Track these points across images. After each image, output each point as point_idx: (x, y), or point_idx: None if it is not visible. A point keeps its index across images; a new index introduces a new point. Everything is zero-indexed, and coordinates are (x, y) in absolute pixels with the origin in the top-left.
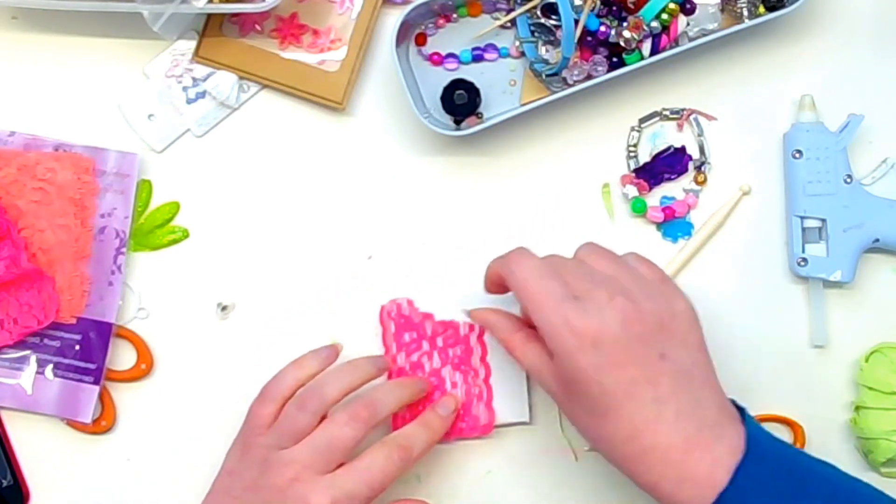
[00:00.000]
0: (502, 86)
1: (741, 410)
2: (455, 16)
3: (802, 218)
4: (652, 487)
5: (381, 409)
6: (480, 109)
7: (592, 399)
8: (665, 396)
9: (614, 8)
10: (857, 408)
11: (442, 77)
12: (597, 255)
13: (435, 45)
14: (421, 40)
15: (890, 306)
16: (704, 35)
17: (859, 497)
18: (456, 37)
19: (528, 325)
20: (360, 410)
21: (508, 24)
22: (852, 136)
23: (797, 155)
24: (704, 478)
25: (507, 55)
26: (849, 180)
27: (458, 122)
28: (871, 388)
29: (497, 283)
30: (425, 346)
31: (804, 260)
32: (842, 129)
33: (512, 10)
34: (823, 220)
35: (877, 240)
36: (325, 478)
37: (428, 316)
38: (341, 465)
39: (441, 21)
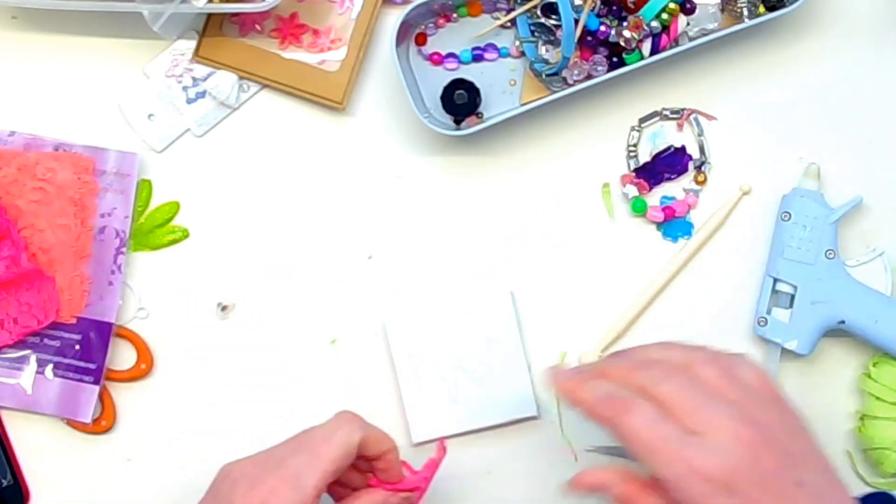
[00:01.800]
0: (502, 86)
1: None
2: (455, 16)
3: (776, 280)
4: None
5: None
6: (480, 109)
7: None
8: None
9: (614, 8)
10: (863, 417)
11: (442, 77)
12: (702, 365)
13: (435, 45)
14: (421, 40)
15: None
16: (704, 35)
17: None
18: (456, 37)
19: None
20: None
21: (508, 24)
22: (843, 213)
23: (786, 217)
24: None
25: (507, 55)
26: (831, 255)
27: (458, 122)
28: (877, 398)
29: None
30: None
31: (764, 320)
32: (841, 206)
33: (512, 10)
34: (795, 287)
35: (842, 321)
36: None
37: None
38: None
39: (441, 21)
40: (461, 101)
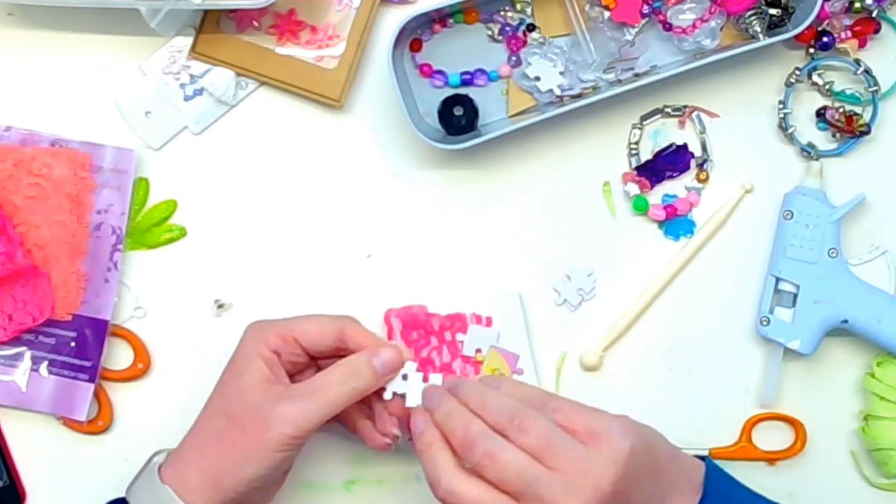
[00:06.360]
0: (496, 94)
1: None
2: (451, 21)
3: (778, 279)
4: None
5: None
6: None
7: None
8: None
9: None
10: (867, 417)
11: (437, 88)
12: (526, 421)
13: (429, 52)
14: (416, 46)
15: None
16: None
17: None
18: (450, 45)
19: None
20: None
21: (501, 39)
22: (846, 212)
23: (788, 215)
24: None
25: (497, 78)
26: (833, 254)
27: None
28: (881, 398)
29: None
30: (434, 341)
31: (767, 319)
32: (844, 204)
33: (506, 20)
34: (798, 287)
35: (846, 321)
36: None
37: (434, 315)
38: None
39: (437, 27)
40: (460, 124)
